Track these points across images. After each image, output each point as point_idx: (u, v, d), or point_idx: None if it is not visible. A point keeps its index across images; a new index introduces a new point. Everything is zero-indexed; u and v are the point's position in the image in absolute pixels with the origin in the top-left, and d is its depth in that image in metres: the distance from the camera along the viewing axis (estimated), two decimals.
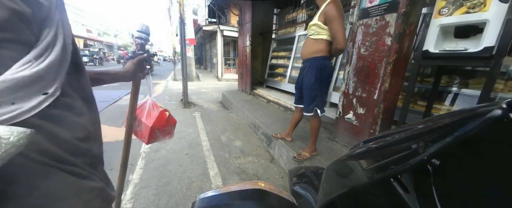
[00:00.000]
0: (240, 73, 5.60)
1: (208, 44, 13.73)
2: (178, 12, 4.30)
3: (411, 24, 1.55)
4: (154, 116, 0.88)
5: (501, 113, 0.19)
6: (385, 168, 0.32)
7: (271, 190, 0.55)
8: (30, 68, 0.32)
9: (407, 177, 0.30)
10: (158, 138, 0.93)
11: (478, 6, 1.20)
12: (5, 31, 0.30)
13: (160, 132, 0.91)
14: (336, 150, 1.97)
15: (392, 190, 0.30)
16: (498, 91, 1.65)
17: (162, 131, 0.92)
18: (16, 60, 0.31)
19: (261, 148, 2.54)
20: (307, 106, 1.72)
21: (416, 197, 0.28)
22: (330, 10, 1.47)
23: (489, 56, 1.20)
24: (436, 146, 0.24)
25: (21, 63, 0.31)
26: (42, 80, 0.34)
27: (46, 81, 0.35)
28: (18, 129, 0.28)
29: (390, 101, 1.72)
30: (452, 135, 0.23)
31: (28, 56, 0.32)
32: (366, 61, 1.75)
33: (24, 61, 0.31)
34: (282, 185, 1.83)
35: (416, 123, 0.37)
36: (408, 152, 0.29)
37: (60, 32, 0.37)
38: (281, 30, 5.61)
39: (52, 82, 0.36)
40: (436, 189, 0.26)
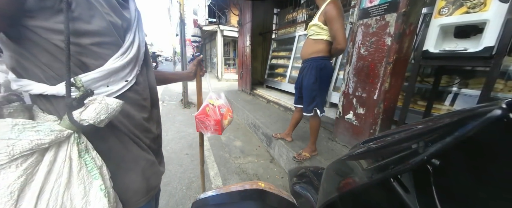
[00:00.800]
0: (240, 73, 5.60)
1: (208, 44, 13.75)
2: (178, 12, 4.30)
3: (411, 24, 1.55)
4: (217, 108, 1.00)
5: (501, 113, 0.19)
6: (385, 168, 0.32)
7: (271, 190, 0.55)
8: (119, 61, 0.45)
9: (407, 177, 0.30)
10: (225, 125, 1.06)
11: (478, 6, 1.19)
12: (104, 36, 0.43)
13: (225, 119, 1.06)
14: (336, 150, 1.97)
15: (392, 190, 0.30)
16: (498, 91, 1.65)
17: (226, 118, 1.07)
18: (111, 56, 0.44)
19: (261, 148, 2.54)
20: (307, 106, 1.72)
21: (416, 197, 0.28)
22: (330, 10, 1.47)
23: (489, 56, 1.20)
24: (436, 146, 0.24)
25: (114, 58, 0.44)
26: (124, 71, 0.47)
27: (127, 72, 0.48)
28: (117, 100, 0.42)
29: (390, 101, 1.72)
30: (452, 135, 0.23)
31: (117, 54, 0.45)
32: (366, 61, 1.75)
33: (115, 56, 0.45)
34: (282, 185, 1.83)
35: (416, 123, 0.37)
36: (408, 152, 0.29)
37: (137, 37, 0.50)
38: (281, 30, 5.62)
39: (130, 73, 0.49)
40: (436, 189, 0.26)
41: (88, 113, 0.39)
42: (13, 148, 0.33)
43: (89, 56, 0.42)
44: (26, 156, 0.35)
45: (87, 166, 0.42)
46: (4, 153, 0.33)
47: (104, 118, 0.41)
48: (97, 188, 0.42)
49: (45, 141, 0.36)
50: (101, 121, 0.40)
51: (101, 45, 0.43)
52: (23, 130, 0.35)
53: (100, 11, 0.42)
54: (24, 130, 0.35)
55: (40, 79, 0.40)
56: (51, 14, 0.36)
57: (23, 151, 0.34)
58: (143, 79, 0.54)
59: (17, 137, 0.34)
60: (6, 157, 0.33)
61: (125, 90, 0.48)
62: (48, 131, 0.37)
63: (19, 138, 0.34)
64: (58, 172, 0.38)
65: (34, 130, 0.35)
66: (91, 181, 0.42)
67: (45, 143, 0.36)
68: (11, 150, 0.33)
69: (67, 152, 0.40)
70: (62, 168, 0.39)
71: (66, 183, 0.39)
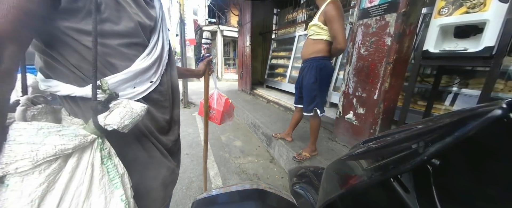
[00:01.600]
0: (240, 73, 5.60)
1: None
2: (178, 12, 4.30)
3: (411, 24, 1.55)
4: (222, 103, 1.13)
5: (501, 113, 0.19)
6: (385, 168, 0.32)
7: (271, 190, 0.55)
8: (145, 62, 0.44)
9: (407, 177, 0.30)
10: (225, 120, 1.17)
11: (478, 6, 1.19)
12: (132, 37, 0.43)
13: (227, 114, 1.16)
14: (336, 150, 1.97)
15: (392, 190, 0.30)
16: (498, 91, 1.65)
17: (228, 114, 1.17)
18: (137, 57, 0.44)
19: (261, 148, 2.54)
20: (307, 106, 1.72)
21: (416, 197, 0.28)
22: (330, 10, 1.47)
23: (489, 56, 1.20)
24: (436, 146, 0.24)
25: (140, 59, 0.44)
26: (150, 71, 0.46)
27: (152, 72, 0.47)
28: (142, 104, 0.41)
29: (390, 101, 1.72)
30: (452, 135, 0.23)
31: (143, 54, 0.45)
32: (366, 61, 1.75)
33: (142, 57, 0.44)
34: (282, 185, 1.83)
35: (416, 123, 0.37)
36: (408, 152, 0.29)
37: (161, 36, 0.49)
38: (281, 30, 5.62)
39: (154, 73, 0.48)
40: (436, 189, 0.26)
41: (112, 117, 0.38)
42: (37, 154, 0.32)
43: (117, 57, 0.42)
44: (50, 161, 0.33)
45: (109, 174, 0.40)
46: (27, 159, 0.31)
47: (128, 123, 0.39)
48: (118, 198, 0.40)
49: (69, 146, 0.34)
50: (125, 126, 0.39)
51: (129, 46, 0.43)
52: (48, 134, 0.33)
53: (129, 11, 0.42)
54: (49, 134, 0.33)
55: (68, 80, 0.40)
56: (83, 15, 0.37)
57: (46, 157, 0.32)
58: (167, 79, 0.53)
59: (42, 141, 0.32)
60: (30, 163, 0.31)
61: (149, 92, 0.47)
62: (72, 136, 0.35)
63: (43, 142, 0.32)
64: (79, 180, 0.37)
65: (59, 134, 0.34)
66: (113, 191, 0.40)
67: (68, 148, 0.34)
68: (35, 155, 0.31)
69: (89, 158, 0.38)
70: (84, 175, 0.37)
71: (87, 192, 0.37)
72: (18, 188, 0.31)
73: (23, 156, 0.31)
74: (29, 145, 0.31)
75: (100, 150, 0.39)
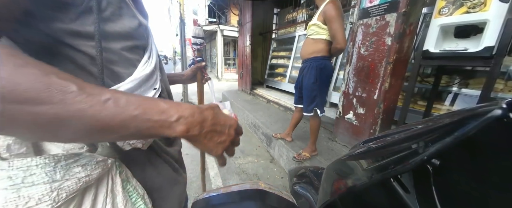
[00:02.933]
0: (240, 73, 5.60)
1: (208, 44, 13.76)
2: (178, 12, 4.29)
3: (411, 24, 1.55)
4: None
5: (501, 113, 0.19)
6: (385, 168, 0.32)
7: (271, 190, 0.55)
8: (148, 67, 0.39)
9: (407, 177, 0.30)
10: None
11: (478, 6, 1.19)
12: (135, 38, 0.37)
13: None
14: (336, 150, 1.97)
15: (392, 190, 0.30)
16: (498, 91, 1.65)
17: None
18: (139, 61, 0.38)
19: (261, 148, 2.54)
20: (307, 106, 1.72)
21: (416, 197, 0.28)
22: (330, 10, 1.47)
23: (489, 56, 1.20)
24: (436, 146, 0.24)
25: (142, 64, 0.38)
26: (152, 77, 0.40)
27: (154, 78, 0.41)
28: None
29: (390, 101, 1.72)
30: (452, 135, 0.23)
31: (145, 57, 0.39)
32: (366, 61, 1.75)
33: (143, 62, 0.38)
34: (282, 185, 1.83)
35: (416, 123, 0.37)
36: (408, 152, 0.29)
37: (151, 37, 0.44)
38: (281, 30, 5.61)
39: (156, 79, 0.42)
40: (436, 189, 0.26)
41: None
42: (58, 193, 0.25)
43: (120, 64, 0.36)
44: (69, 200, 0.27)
45: (131, 198, 0.35)
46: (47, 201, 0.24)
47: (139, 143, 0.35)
48: None
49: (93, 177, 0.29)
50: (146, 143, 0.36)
51: (131, 49, 0.37)
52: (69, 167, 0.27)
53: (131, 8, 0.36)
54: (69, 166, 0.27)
55: None
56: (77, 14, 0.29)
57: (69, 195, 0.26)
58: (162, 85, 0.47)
59: (63, 177, 0.26)
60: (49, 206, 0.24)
61: None
62: (94, 163, 0.29)
63: (65, 178, 0.26)
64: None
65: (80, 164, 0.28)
66: None
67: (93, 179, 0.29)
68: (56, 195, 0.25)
69: (108, 185, 0.32)
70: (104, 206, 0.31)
71: None
72: None
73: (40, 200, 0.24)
74: (47, 185, 0.24)
75: (119, 174, 0.34)
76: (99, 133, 0.24)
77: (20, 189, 0.23)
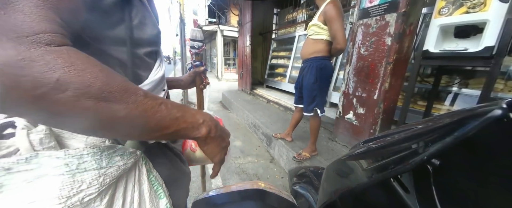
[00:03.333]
0: (240, 73, 5.60)
1: (208, 44, 13.76)
2: (178, 12, 4.29)
3: (411, 24, 1.55)
4: None
5: (501, 113, 0.19)
6: (385, 168, 0.32)
7: (271, 190, 0.55)
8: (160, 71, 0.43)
9: (407, 177, 0.30)
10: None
11: (478, 6, 1.19)
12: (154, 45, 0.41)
13: None
14: (336, 150, 1.97)
15: (392, 190, 0.30)
16: (498, 91, 1.65)
17: None
18: (153, 65, 0.42)
19: (261, 148, 2.54)
20: (307, 106, 1.72)
21: (416, 197, 0.28)
22: (330, 10, 1.47)
23: (489, 56, 1.20)
24: (436, 146, 0.24)
25: (155, 68, 0.42)
26: (163, 80, 0.45)
27: (164, 81, 0.45)
28: None
29: (390, 101, 1.72)
30: (452, 135, 0.23)
31: (158, 62, 0.43)
32: (366, 61, 1.75)
33: (156, 65, 0.42)
34: (282, 185, 1.83)
35: (416, 123, 0.37)
36: (408, 152, 0.29)
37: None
38: (281, 30, 5.61)
39: (165, 82, 0.46)
40: (436, 189, 0.26)
41: None
42: (104, 178, 0.29)
43: (141, 68, 0.39)
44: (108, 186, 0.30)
45: (153, 186, 0.39)
46: (95, 185, 0.28)
47: None
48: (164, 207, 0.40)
49: (128, 166, 0.33)
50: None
51: (150, 54, 0.40)
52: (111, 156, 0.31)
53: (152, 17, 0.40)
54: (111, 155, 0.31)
55: None
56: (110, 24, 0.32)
57: (111, 180, 0.30)
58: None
59: (107, 164, 0.30)
60: (96, 190, 0.28)
61: None
62: (128, 154, 0.33)
63: (109, 165, 0.30)
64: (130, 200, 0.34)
65: (118, 154, 0.32)
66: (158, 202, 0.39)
67: (128, 167, 0.33)
68: (102, 180, 0.29)
69: (135, 175, 0.36)
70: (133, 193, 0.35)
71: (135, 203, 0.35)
72: None
73: (90, 184, 0.28)
74: (95, 171, 0.28)
75: (144, 164, 0.38)
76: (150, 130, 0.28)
77: (75, 174, 0.27)
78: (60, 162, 0.26)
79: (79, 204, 0.27)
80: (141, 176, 0.37)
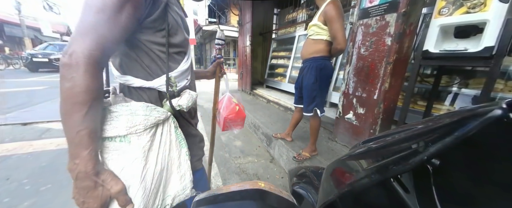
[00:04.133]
0: (240, 73, 5.60)
1: (208, 44, 13.75)
2: None
3: (411, 24, 1.55)
4: (230, 108, 1.08)
5: (501, 113, 0.19)
6: (385, 168, 0.32)
7: (271, 190, 0.55)
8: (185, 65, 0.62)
9: (407, 177, 0.30)
10: (230, 128, 1.11)
11: (478, 6, 1.19)
12: (181, 47, 0.60)
13: (232, 122, 1.09)
14: (336, 150, 1.97)
15: (392, 190, 0.30)
16: (498, 91, 1.65)
17: (233, 122, 1.10)
18: (181, 61, 0.61)
19: (261, 148, 2.54)
20: (307, 106, 1.72)
21: (416, 197, 0.28)
22: (330, 10, 1.47)
23: (489, 56, 1.20)
24: (436, 146, 0.24)
25: (183, 62, 0.62)
26: (187, 72, 0.64)
27: (188, 72, 0.65)
28: (195, 92, 0.66)
29: (390, 101, 1.72)
30: (452, 135, 0.23)
31: (184, 59, 0.62)
32: (366, 61, 1.75)
33: (184, 61, 0.62)
34: (282, 185, 1.83)
35: (416, 123, 0.37)
36: (408, 152, 0.29)
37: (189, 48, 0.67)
38: (281, 30, 5.61)
39: (189, 73, 0.66)
40: (436, 189, 0.26)
41: (182, 100, 0.59)
42: (146, 121, 0.50)
43: (171, 61, 0.58)
44: (151, 127, 0.52)
45: (177, 137, 0.59)
46: (142, 124, 0.49)
47: (190, 105, 0.61)
48: (184, 153, 0.60)
49: (161, 118, 0.53)
50: (188, 107, 0.60)
51: (178, 53, 0.60)
52: (151, 110, 0.51)
53: (182, 29, 0.59)
54: (152, 110, 0.52)
55: (140, 76, 0.55)
56: (154, 31, 0.53)
57: (151, 123, 0.51)
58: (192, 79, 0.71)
59: (149, 114, 0.51)
60: (143, 127, 0.49)
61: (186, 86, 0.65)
62: (162, 112, 0.54)
63: (150, 115, 0.51)
64: (165, 140, 0.55)
65: (156, 110, 0.52)
66: (181, 149, 0.60)
67: (161, 119, 0.53)
68: (146, 122, 0.50)
69: (168, 127, 0.57)
70: (167, 137, 0.56)
71: (169, 148, 0.57)
72: (135, 143, 0.49)
73: (139, 123, 0.49)
74: (142, 116, 0.49)
75: (173, 122, 0.58)
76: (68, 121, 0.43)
77: (134, 116, 0.49)
78: (126, 108, 0.49)
79: (134, 132, 0.49)
80: (170, 129, 0.57)
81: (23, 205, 1.44)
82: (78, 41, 0.40)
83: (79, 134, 0.40)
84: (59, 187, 1.63)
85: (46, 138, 2.53)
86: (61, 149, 2.26)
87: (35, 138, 2.50)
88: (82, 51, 0.39)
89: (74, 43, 0.40)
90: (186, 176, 0.61)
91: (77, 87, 0.39)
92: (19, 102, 3.97)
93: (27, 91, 4.98)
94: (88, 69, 0.40)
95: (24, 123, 2.93)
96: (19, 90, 5.13)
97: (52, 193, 1.57)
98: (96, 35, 0.41)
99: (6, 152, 2.15)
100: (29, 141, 2.41)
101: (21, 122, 2.95)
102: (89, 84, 0.40)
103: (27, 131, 2.72)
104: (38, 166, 1.91)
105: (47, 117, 3.15)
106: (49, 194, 1.55)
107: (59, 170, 1.86)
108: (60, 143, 2.38)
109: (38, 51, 9.47)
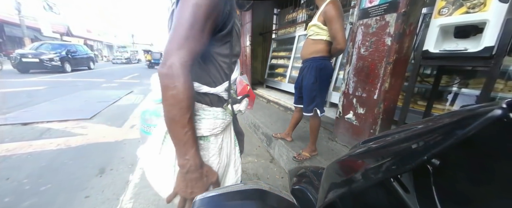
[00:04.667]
0: (240, 73, 5.58)
1: None
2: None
3: (411, 24, 1.55)
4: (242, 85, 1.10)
5: (501, 113, 0.19)
6: (385, 168, 0.32)
7: (271, 190, 0.55)
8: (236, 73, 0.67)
9: (407, 177, 0.30)
10: None
11: (478, 6, 1.19)
12: (237, 56, 0.65)
13: None
14: (336, 150, 1.97)
15: (392, 190, 0.30)
16: (498, 91, 1.65)
17: None
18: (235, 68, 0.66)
19: (261, 148, 2.54)
20: (307, 106, 1.72)
21: (416, 197, 0.28)
22: (330, 10, 1.47)
23: (489, 56, 1.20)
24: (436, 146, 0.24)
25: (235, 71, 0.66)
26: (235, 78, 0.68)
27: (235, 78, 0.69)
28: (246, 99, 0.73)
29: (390, 101, 1.72)
30: (452, 135, 0.23)
31: (236, 67, 0.67)
32: (366, 61, 1.75)
33: (235, 69, 0.66)
34: (282, 185, 1.83)
35: (416, 123, 0.37)
36: (408, 152, 0.29)
37: None
38: (281, 30, 5.60)
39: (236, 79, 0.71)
40: (436, 189, 0.26)
41: (242, 106, 0.68)
42: (214, 125, 0.59)
43: (229, 70, 0.63)
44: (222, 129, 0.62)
45: (232, 137, 0.71)
46: (220, 126, 0.60)
47: (244, 110, 0.69)
48: (237, 150, 0.73)
49: (226, 122, 0.63)
50: (243, 112, 0.68)
51: (235, 63, 0.65)
52: (226, 114, 0.62)
53: (239, 41, 0.64)
54: (226, 114, 0.62)
55: (205, 83, 0.60)
56: (222, 44, 0.58)
57: (225, 126, 0.62)
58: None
59: (225, 118, 0.62)
60: (221, 129, 0.61)
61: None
62: (229, 115, 0.64)
63: (225, 118, 0.62)
64: (227, 140, 0.67)
65: (226, 114, 0.62)
66: (236, 147, 0.73)
67: (227, 123, 0.63)
68: (223, 124, 0.61)
69: (230, 129, 0.70)
70: (228, 138, 0.68)
71: (230, 145, 0.68)
72: (214, 142, 0.61)
73: (219, 125, 0.60)
74: (221, 120, 0.60)
75: (232, 125, 0.70)
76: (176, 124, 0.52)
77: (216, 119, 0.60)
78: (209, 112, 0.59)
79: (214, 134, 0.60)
80: (231, 132, 0.70)
81: (23, 205, 1.44)
82: (175, 54, 0.46)
83: (187, 134, 0.48)
84: (59, 187, 1.63)
85: (46, 138, 2.53)
86: (61, 149, 2.26)
87: (35, 138, 2.50)
88: (180, 63, 0.45)
89: (172, 56, 0.46)
90: (239, 170, 0.73)
91: (181, 94, 0.46)
92: (19, 102, 3.97)
93: (27, 91, 4.98)
94: (187, 78, 0.46)
95: (24, 123, 2.94)
96: (19, 90, 5.13)
97: (52, 193, 1.57)
98: (189, 47, 0.47)
99: (6, 152, 2.15)
100: (29, 141, 2.41)
101: (21, 122, 2.95)
102: (190, 91, 0.47)
103: (27, 131, 2.72)
104: (38, 166, 1.91)
105: (47, 117, 3.15)
106: (49, 194, 1.55)
107: (58, 170, 1.86)
108: (60, 143, 2.38)
109: (28, 51, 8.60)
